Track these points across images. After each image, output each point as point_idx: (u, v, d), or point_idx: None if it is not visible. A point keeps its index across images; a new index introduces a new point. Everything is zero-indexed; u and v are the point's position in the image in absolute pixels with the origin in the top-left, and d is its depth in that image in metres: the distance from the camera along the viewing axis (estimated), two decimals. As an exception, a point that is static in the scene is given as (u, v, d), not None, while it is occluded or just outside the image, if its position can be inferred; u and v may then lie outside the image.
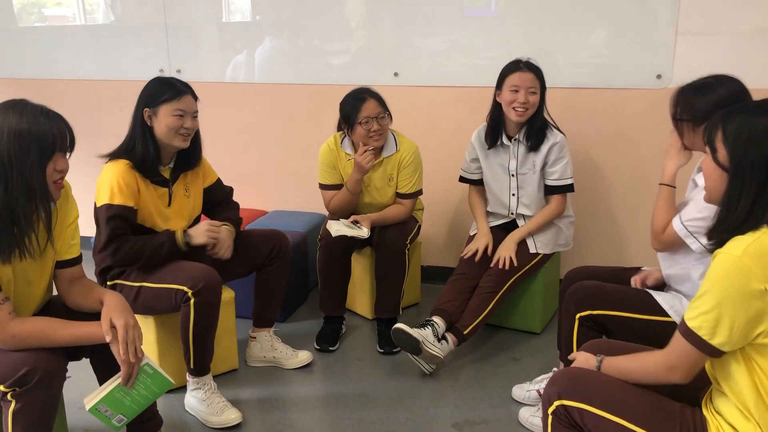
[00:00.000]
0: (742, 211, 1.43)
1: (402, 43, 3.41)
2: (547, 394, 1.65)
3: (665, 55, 3.05)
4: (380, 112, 2.81)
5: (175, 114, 2.37)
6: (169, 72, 3.71)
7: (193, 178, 2.58)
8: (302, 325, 3.18)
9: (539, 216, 2.88)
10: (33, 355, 1.75)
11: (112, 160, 2.38)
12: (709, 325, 1.41)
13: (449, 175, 3.42)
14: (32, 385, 1.72)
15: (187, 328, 2.33)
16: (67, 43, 3.88)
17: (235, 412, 2.39)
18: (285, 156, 3.74)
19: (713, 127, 1.50)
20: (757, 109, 1.47)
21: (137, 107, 2.41)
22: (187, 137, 2.42)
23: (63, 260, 1.99)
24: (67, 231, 1.98)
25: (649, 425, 1.52)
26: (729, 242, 1.42)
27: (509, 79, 2.72)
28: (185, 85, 2.44)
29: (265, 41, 3.59)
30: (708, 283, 1.42)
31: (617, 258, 3.34)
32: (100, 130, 3.91)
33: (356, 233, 2.78)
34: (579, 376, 1.65)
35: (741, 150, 1.43)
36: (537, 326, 3.06)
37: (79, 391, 2.35)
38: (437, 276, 3.57)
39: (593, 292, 2.18)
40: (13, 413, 1.75)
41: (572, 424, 1.62)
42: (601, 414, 1.56)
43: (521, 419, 2.34)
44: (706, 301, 1.41)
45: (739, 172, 1.43)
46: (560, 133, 2.81)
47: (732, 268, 1.38)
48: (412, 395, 2.58)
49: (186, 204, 2.54)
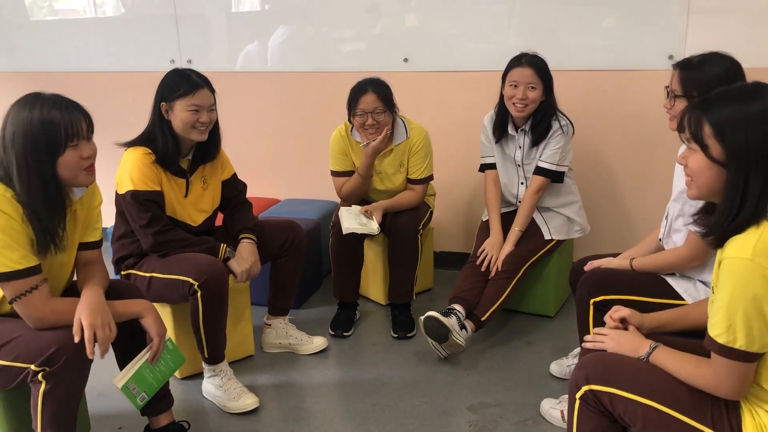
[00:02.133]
0: (751, 204, 1.39)
1: (412, 29, 3.40)
2: (574, 378, 1.63)
3: (677, 35, 3.02)
4: (377, 107, 2.79)
5: (190, 109, 2.37)
6: (180, 62, 3.72)
7: (211, 171, 2.59)
8: (316, 311, 3.20)
9: (522, 205, 2.85)
10: (61, 336, 1.79)
11: (131, 147, 2.40)
12: (743, 334, 1.37)
13: (461, 160, 3.42)
14: (61, 365, 1.77)
15: (197, 320, 2.35)
16: (78, 36, 3.91)
17: (252, 397, 2.42)
18: (296, 144, 3.75)
19: (695, 123, 1.44)
20: (741, 96, 1.42)
21: (155, 100, 2.42)
22: (204, 131, 2.43)
23: (84, 242, 2.04)
24: (92, 213, 2.04)
25: (681, 407, 1.50)
26: (730, 244, 1.39)
27: (510, 74, 2.73)
28: (201, 78, 2.43)
29: (277, 30, 3.59)
30: (726, 292, 1.37)
31: (628, 243, 3.30)
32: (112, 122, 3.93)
33: (366, 230, 2.79)
34: (606, 360, 1.63)
35: (739, 140, 1.38)
36: (551, 310, 3.06)
37: (97, 378, 2.39)
38: (450, 262, 3.58)
39: (606, 277, 2.18)
40: (43, 394, 1.80)
41: (600, 409, 1.59)
42: (632, 397, 1.54)
43: (542, 409, 2.34)
44: (730, 312, 1.37)
45: (741, 164, 1.39)
46: (566, 122, 2.79)
47: (747, 273, 1.34)
48: (427, 379, 2.60)
49: (203, 196, 2.56)
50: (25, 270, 1.79)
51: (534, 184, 2.83)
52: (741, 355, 1.39)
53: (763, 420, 1.44)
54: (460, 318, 2.64)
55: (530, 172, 2.86)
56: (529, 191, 2.84)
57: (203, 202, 2.57)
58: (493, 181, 2.97)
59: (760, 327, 1.36)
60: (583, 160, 3.27)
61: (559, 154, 2.78)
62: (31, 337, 1.82)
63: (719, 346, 1.40)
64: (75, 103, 1.85)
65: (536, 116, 2.77)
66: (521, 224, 2.84)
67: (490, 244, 2.84)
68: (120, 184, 2.40)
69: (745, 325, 1.36)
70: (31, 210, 1.79)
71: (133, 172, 2.35)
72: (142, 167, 2.35)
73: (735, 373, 1.41)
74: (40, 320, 1.82)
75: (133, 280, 2.42)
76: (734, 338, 1.38)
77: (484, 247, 2.84)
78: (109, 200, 2.78)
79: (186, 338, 2.54)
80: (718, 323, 1.40)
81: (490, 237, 2.87)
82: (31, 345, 1.80)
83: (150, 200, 2.36)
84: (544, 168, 2.80)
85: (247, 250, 2.52)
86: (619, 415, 1.57)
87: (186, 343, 2.55)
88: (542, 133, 2.77)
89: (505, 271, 2.77)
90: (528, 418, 2.34)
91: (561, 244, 2.96)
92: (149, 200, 2.35)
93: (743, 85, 1.49)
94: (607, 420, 1.60)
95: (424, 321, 2.60)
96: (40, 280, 1.82)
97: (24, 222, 1.79)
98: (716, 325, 1.41)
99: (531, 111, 2.74)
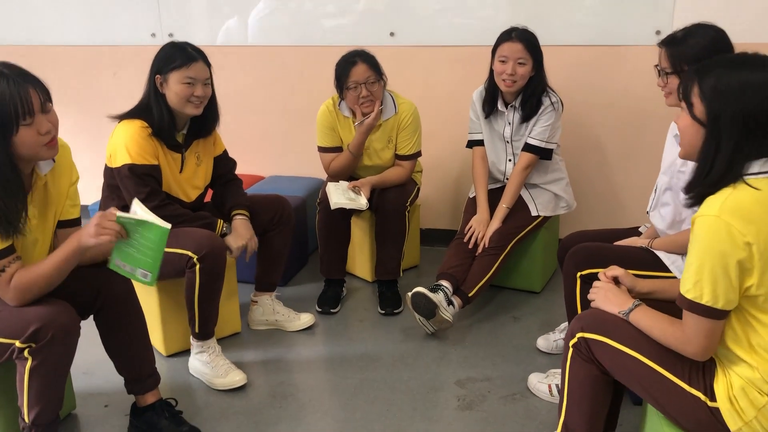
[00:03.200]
0: (720, 166, 1.43)
1: (398, 3, 3.35)
2: (571, 328, 1.71)
3: (664, 10, 3.02)
4: (370, 76, 2.76)
5: (185, 82, 2.33)
6: (161, 37, 3.64)
7: (204, 147, 2.56)
8: (303, 288, 3.19)
9: (510, 181, 2.85)
10: (45, 312, 1.76)
11: (125, 120, 2.35)
12: (709, 290, 1.41)
13: (448, 136, 3.40)
14: (48, 341, 1.74)
15: (192, 293, 2.34)
16: (55, 9, 3.80)
17: (240, 374, 2.41)
18: (280, 120, 3.71)
19: (689, 81, 1.50)
20: (732, 63, 1.47)
21: (150, 72, 2.37)
22: (200, 105, 2.39)
23: (63, 220, 1.98)
24: (70, 191, 1.97)
25: (663, 362, 1.56)
26: (704, 204, 1.43)
27: (499, 49, 2.70)
28: (197, 51, 2.39)
29: (259, 3, 3.52)
30: (694, 249, 1.43)
31: (616, 218, 3.34)
32: (93, 96, 3.87)
33: (355, 206, 2.77)
34: (603, 314, 1.70)
35: (718, 104, 1.43)
36: (537, 286, 3.08)
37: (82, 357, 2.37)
38: (436, 238, 3.58)
39: (593, 251, 2.19)
40: (29, 370, 1.78)
41: (590, 357, 1.67)
42: (619, 347, 1.61)
43: (530, 384, 2.36)
44: (698, 268, 1.42)
45: (716, 127, 1.44)
46: (557, 99, 2.78)
47: (713, 229, 1.39)
48: (415, 355, 2.61)
49: (196, 172, 2.54)
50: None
51: (522, 161, 2.82)
52: (706, 311, 1.43)
53: (732, 379, 1.49)
54: (448, 294, 2.64)
55: (518, 148, 2.85)
56: (517, 168, 2.83)
57: (197, 178, 2.55)
58: (480, 157, 2.95)
59: (724, 283, 1.40)
60: (570, 136, 3.27)
61: (548, 131, 2.77)
62: (15, 313, 1.79)
63: (687, 301, 1.46)
64: (26, 75, 1.71)
65: (526, 92, 2.75)
66: (509, 201, 2.84)
67: (477, 221, 2.84)
68: (113, 157, 2.36)
69: (711, 281, 1.41)
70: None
71: (130, 145, 2.30)
72: (140, 140, 2.31)
73: (702, 331, 1.46)
74: (13, 300, 1.79)
75: None
76: (701, 294, 1.43)
77: (471, 223, 2.84)
78: (90, 176, 2.73)
79: (173, 315, 2.53)
80: (687, 279, 1.45)
81: (477, 214, 2.86)
82: (15, 320, 1.77)
83: (148, 174, 2.33)
84: (533, 145, 2.80)
85: (243, 226, 2.52)
86: (606, 365, 1.64)
87: (174, 319, 2.54)
88: (532, 109, 2.76)
89: (492, 247, 2.77)
90: (516, 392, 2.35)
91: (547, 220, 2.96)
92: (147, 174, 2.32)
93: (740, 54, 1.52)
94: (597, 370, 1.68)
95: (411, 297, 2.60)
96: (6, 262, 1.77)
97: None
98: (686, 281, 1.46)
99: (520, 86, 2.73)
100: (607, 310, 1.70)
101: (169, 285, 2.47)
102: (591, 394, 1.70)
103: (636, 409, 2.18)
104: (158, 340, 2.57)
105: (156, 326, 2.54)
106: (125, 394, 2.16)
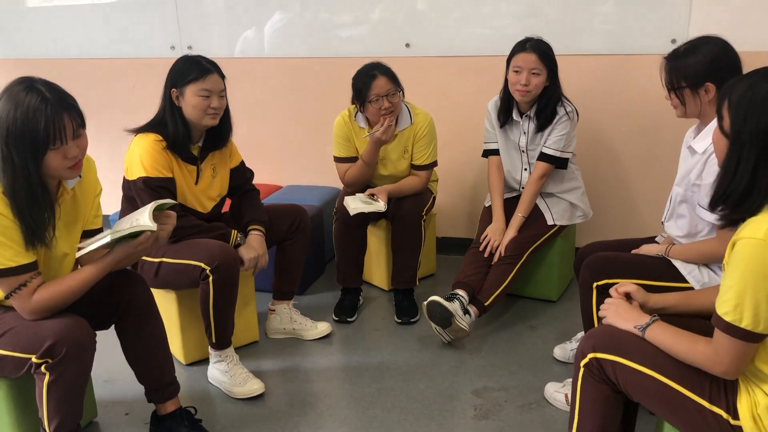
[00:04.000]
0: (741, 179, 1.42)
1: (413, 14, 3.38)
2: (581, 348, 1.67)
3: (680, 19, 3.01)
4: (390, 89, 2.79)
5: (201, 94, 2.37)
6: (180, 48, 3.70)
7: (220, 158, 2.59)
8: (320, 297, 3.21)
9: (525, 191, 2.86)
10: (59, 327, 1.79)
11: (141, 134, 2.39)
12: (750, 314, 1.38)
13: (463, 146, 3.42)
14: (63, 357, 1.76)
15: (207, 304, 2.36)
16: (76, 22, 3.88)
17: (258, 383, 2.43)
18: (298, 130, 3.74)
19: (722, 95, 1.49)
20: (763, 77, 1.45)
21: (165, 87, 2.41)
22: (216, 116, 2.43)
23: (86, 230, 2.02)
24: (94, 202, 2.02)
25: (681, 380, 1.53)
26: (746, 226, 1.40)
27: (514, 59, 2.72)
28: (211, 64, 2.42)
29: (275, 15, 3.57)
30: (737, 272, 1.39)
31: (633, 227, 3.33)
32: (112, 108, 3.93)
33: (374, 208, 2.79)
34: (613, 331, 1.67)
35: (741, 117, 1.42)
36: (554, 294, 3.07)
37: (104, 365, 2.41)
38: (452, 247, 3.59)
39: (609, 261, 2.19)
40: (47, 385, 1.80)
41: (603, 377, 1.63)
42: (635, 366, 1.58)
43: (546, 393, 2.36)
44: (739, 292, 1.38)
45: (738, 140, 1.42)
46: (572, 109, 2.79)
47: (758, 252, 1.35)
48: (431, 364, 2.61)
49: (212, 183, 2.56)
50: (15, 268, 1.78)
51: (537, 170, 2.83)
52: (745, 335, 1.40)
53: (758, 398, 1.46)
54: (463, 303, 2.65)
55: (534, 158, 2.86)
56: (533, 177, 2.84)
57: (212, 189, 2.57)
58: (496, 166, 2.96)
59: (767, 308, 1.37)
60: (587, 145, 3.27)
61: (564, 141, 2.78)
62: (30, 327, 1.82)
63: (725, 324, 1.42)
64: (64, 100, 1.75)
65: (540, 102, 2.76)
66: (524, 210, 2.84)
67: (492, 230, 2.84)
68: (130, 170, 2.40)
69: (753, 305, 1.38)
70: (15, 206, 1.75)
71: (144, 158, 2.34)
72: (154, 153, 2.35)
73: (735, 352, 1.43)
74: (31, 314, 1.82)
75: (141, 266, 2.42)
76: (740, 317, 1.40)
77: (487, 232, 2.85)
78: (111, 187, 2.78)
79: (192, 324, 2.56)
80: (726, 302, 1.42)
81: (493, 223, 2.87)
82: (30, 335, 1.80)
83: (162, 186, 2.36)
84: (549, 154, 2.80)
85: (257, 241, 2.53)
86: (620, 384, 1.61)
87: (193, 328, 2.57)
88: (547, 118, 2.76)
89: (508, 256, 2.78)
90: (532, 401, 2.35)
91: (564, 229, 2.96)
92: (162, 186, 2.35)
93: None
94: (609, 389, 1.64)
95: (427, 306, 2.61)
96: (29, 277, 1.80)
97: (15, 217, 1.75)
98: (725, 303, 1.42)
99: (534, 96, 2.74)
100: (619, 326, 1.67)
101: (187, 294, 2.50)
102: (603, 413, 1.67)
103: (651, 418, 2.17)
104: (178, 348, 2.61)
105: (175, 335, 2.57)
106: (146, 402, 2.18)
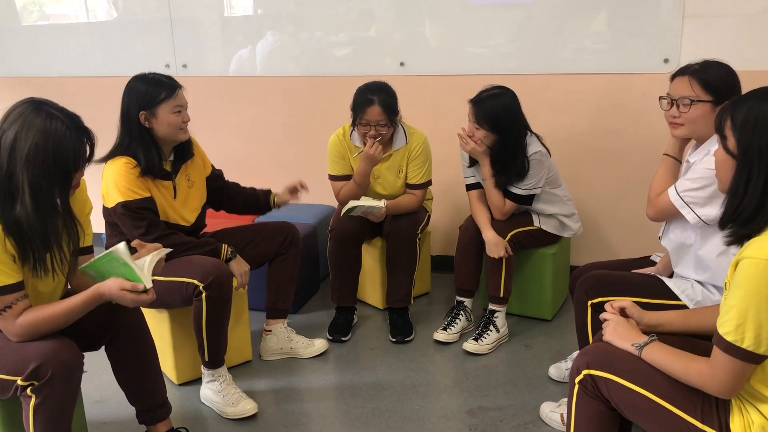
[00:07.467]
0: (751, 199, 1.41)
1: (407, 33, 3.40)
2: (576, 364, 1.68)
3: (672, 39, 3.04)
4: (381, 120, 2.77)
5: (175, 111, 2.38)
6: (175, 67, 3.71)
7: (193, 168, 2.59)
8: (314, 316, 3.19)
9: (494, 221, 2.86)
10: (45, 349, 1.76)
11: (111, 159, 2.38)
12: (752, 335, 1.37)
13: (457, 165, 3.40)
14: (49, 379, 1.73)
15: (200, 322, 2.35)
16: (71, 41, 3.88)
17: (251, 403, 2.41)
18: (292, 148, 3.75)
19: (723, 114, 1.49)
20: (764, 95, 1.45)
21: (129, 111, 2.37)
22: (187, 130, 2.46)
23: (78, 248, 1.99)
24: (84, 220, 2.00)
25: (673, 399, 1.53)
26: (750, 245, 1.39)
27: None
28: (172, 79, 2.44)
29: (267, 35, 3.59)
30: (739, 292, 1.38)
31: (626, 246, 3.33)
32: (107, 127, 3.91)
33: (372, 203, 2.79)
34: (608, 348, 1.67)
35: (748, 136, 1.42)
36: (548, 313, 3.06)
37: (95, 385, 2.38)
38: (447, 265, 3.58)
39: (603, 279, 2.19)
40: (33, 408, 1.77)
41: (597, 394, 1.64)
42: (627, 385, 1.58)
43: (542, 413, 2.34)
44: (741, 312, 1.37)
45: (747, 159, 1.42)
46: (539, 149, 2.73)
47: (762, 273, 1.35)
48: (426, 383, 2.59)
49: (190, 194, 2.56)
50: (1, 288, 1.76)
51: (506, 207, 2.82)
52: (746, 356, 1.39)
53: (752, 417, 1.46)
54: (468, 313, 2.89)
55: None
56: (500, 212, 2.83)
57: (192, 200, 2.57)
58: (477, 199, 2.92)
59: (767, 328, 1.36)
60: (579, 164, 3.29)
61: (533, 182, 2.78)
62: (16, 349, 1.79)
63: (726, 343, 1.41)
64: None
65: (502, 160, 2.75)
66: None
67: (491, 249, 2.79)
68: (107, 197, 2.38)
69: (755, 326, 1.37)
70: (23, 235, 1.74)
71: (119, 182, 2.32)
72: (127, 176, 2.33)
73: (733, 372, 1.42)
74: (16, 336, 1.80)
75: None
76: (742, 338, 1.39)
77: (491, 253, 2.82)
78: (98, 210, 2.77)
79: (184, 343, 2.54)
80: (728, 321, 1.41)
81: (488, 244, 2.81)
82: (16, 357, 1.77)
83: (143, 207, 2.34)
84: (516, 194, 2.80)
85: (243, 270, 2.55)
86: (613, 402, 1.62)
87: (186, 347, 2.55)
88: (518, 172, 2.74)
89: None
90: (528, 421, 2.34)
91: (555, 240, 2.97)
92: (142, 207, 2.34)
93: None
94: (604, 406, 1.65)
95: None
96: (15, 299, 1.78)
97: (4, 239, 1.74)
98: (726, 323, 1.41)
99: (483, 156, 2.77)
100: (616, 344, 1.67)
101: (180, 313, 2.48)
102: (598, 430, 1.67)
103: None
104: (170, 368, 2.58)
105: (168, 354, 2.55)
106: (137, 424, 2.16)
